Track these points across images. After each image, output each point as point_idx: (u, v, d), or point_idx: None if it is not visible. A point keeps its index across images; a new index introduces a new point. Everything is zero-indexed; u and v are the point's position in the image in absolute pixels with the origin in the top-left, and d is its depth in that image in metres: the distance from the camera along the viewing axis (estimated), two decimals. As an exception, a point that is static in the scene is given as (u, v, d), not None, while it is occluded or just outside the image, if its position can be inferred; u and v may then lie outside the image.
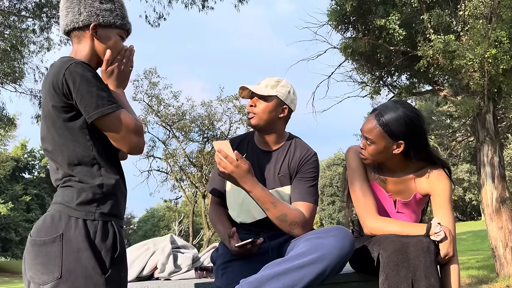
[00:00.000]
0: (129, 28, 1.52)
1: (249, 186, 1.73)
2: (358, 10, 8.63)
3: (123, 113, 1.34)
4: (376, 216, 1.81)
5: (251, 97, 2.01)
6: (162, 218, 50.72)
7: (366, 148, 1.85)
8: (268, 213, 1.77)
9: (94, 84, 1.30)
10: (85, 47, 1.43)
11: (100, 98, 1.29)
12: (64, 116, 1.33)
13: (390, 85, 10.40)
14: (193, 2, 11.03)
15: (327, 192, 48.58)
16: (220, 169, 1.72)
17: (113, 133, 1.33)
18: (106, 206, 1.33)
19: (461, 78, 7.97)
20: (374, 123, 1.81)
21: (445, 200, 1.83)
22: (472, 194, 36.18)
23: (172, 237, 2.47)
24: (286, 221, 1.77)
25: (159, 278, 2.27)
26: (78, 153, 1.34)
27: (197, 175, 19.26)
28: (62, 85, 1.30)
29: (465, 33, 8.06)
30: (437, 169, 1.88)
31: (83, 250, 1.26)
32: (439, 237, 1.66)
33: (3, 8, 10.40)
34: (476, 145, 8.98)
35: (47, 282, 1.24)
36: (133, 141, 1.34)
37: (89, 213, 1.30)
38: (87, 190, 1.32)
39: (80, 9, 1.41)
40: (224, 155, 1.71)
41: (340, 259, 1.57)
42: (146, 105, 18.57)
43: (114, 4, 1.46)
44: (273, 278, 1.55)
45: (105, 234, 1.31)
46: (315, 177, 1.96)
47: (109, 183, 1.36)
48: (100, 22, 1.42)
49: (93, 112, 1.29)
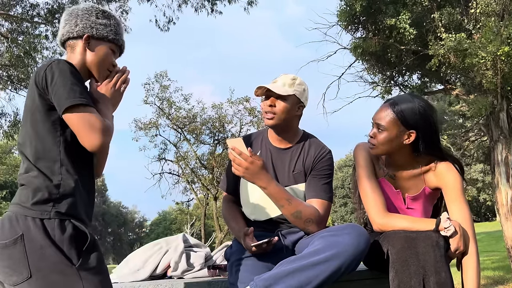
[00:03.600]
0: (122, 44, 1.59)
1: (264, 183, 1.74)
2: (368, 9, 8.59)
3: (91, 110, 1.35)
4: (384, 212, 1.79)
5: (267, 96, 1.97)
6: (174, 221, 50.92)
7: (376, 136, 1.84)
8: (283, 210, 1.77)
9: (69, 79, 1.34)
10: (77, 56, 1.51)
11: (72, 91, 1.32)
12: (40, 110, 1.37)
13: (401, 84, 10.33)
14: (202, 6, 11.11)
15: (339, 193, 48.32)
16: (234, 166, 1.73)
17: (77, 127, 1.33)
18: (63, 206, 1.33)
19: (474, 77, 7.89)
20: (388, 111, 1.80)
21: (457, 193, 1.80)
22: (486, 194, 35.72)
23: (184, 236, 2.48)
24: (301, 218, 1.77)
25: (172, 277, 2.28)
26: (45, 146, 1.37)
27: (208, 177, 19.32)
28: (41, 80, 1.35)
29: (477, 31, 7.97)
30: (445, 163, 1.86)
31: (46, 247, 1.27)
32: (449, 232, 1.64)
33: (16, 14, 10.57)
34: (490, 144, 8.87)
35: (18, 283, 1.26)
36: (96, 139, 1.32)
37: (44, 212, 1.31)
38: (43, 189, 1.33)
39: (77, 21, 1.50)
40: (238, 152, 1.71)
41: (355, 257, 1.56)
42: (158, 108, 18.72)
43: (109, 21, 1.55)
44: (288, 275, 1.55)
45: (63, 230, 1.31)
46: (329, 175, 1.96)
47: (67, 183, 1.36)
48: (94, 34, 1.51)
49: (63, 104, 1.31)
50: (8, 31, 10.80)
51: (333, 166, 2.00)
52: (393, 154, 1.87)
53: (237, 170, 1.73)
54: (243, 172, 1.72)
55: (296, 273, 1.54)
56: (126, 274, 2.24)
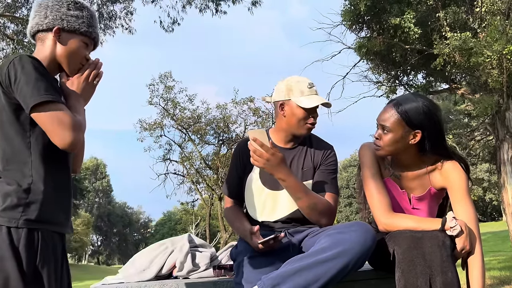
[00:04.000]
0: (95, 37, 1.52)
1: (284, 175, 1.77)
2: (372, 9, 8.58)
3: (59, 106, 1.29)
4: (390, 212, 1.78)
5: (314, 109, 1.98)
6: (179, 221, 51.03)
7: (381, 138, 1.83)
8: (300, 202, 1.81)
9: (33, 75, 1.28)
10: (47, 49, 1.44)
11: (36, 88, 1.26)
12: (6, 110, 1.32)
13: (406, 84, 10.30)
14: (206, 7, 11.13)
15: (344, 193, 48.23)
16: (254, 157, 1.75)
17: (47, 125, 1.27)
18: (33, 212, 1.28)
19: (479, 76, 7.86)
20: (393, 111, 1.79)
21: (462, 193, 1.79)
22: (492, 194, 35.51)
23: (190, 236, 2.49)
24: (316, 210, 1.82)
25: (178, 277, 2.29)
26: (14, 149, 1.32)
27: (213, 177, 19.33)
28: (5, 78, 1.29)
29: (482, 30, 7.93)
30: (451, 162, 1.85)
31: (7, 259, 1.22)
32: (455, 232, 1.63)
33: (21, 16, 10.64)
34: (496, 143, 8.82)
35: None
36: (67, 136, 1.26)
37: (12, 220, 1.25)
38: (12, 194, 1.27)
39: (47, 13, 1.43)
40: (260, 144, 1.73)
41: (362, 254, 1.57)
42: (162, 109, 18.76)
43: (82, 12, 1.48)
44: (295, 273, 1.55)
45: (30, 242, 1.26)
46: (335, 170, 2.04)
47: (38, 187, 1.30)
48: (64, 26, 1.43)
49: (28, 102, 1.26)
50: (13, 33, 10.87)
51: (337, 161, 2.08)
52: (399, 154, 1.87)
53: (257, 161, 1.75)
54: (264, 163, 1.74)
55: (303, 271, 1.55)
56: (132, 274, 2.24)
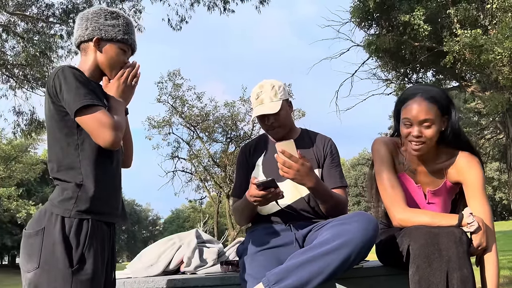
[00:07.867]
0: (132, 43, 1.65)
1: (313, 183, 1.81)
2: (381, 6, 8.53)
3: (99, 109, 1.42)
4: (404, 207, 1.75)
5: (263, 117, 2.05)
6: (187, 219, 51.28)
7: (423, 134, 1.75)
8: (325, 204, 1.91)
9: (74, 84, 1.42)
10: (89, 58, 1.59)
11: (78, 95, 1.40)
12: (55, 117, 1.47)
13: (415, 81, 10.24)
14: (214, 5, 11.14)
15: (352, 192, 48.01)
16: (283, 169, 1.75)
17: (89, 127, 1.41)
18: (84, 204, 1.43)
19: (489, 73, 7.77)
20: (426, 103, 1.74)
21: (478, 189, 1.76)
22: (503, 193, 35.17)
23: (197, 232, 2.49)
24: (338, 208, 1.93)
25: (185, 272, 2.29)
26: (64, 150, 1.47)
27: (221, 175, 19.40)
28: (52, 89, 1.45)
29: (493, 27, 7.85)
30: (468, 157, 1.82)
31: (58, 243, 1.38)
32: (472, 228, 1.59)
33: (31, 14, 10.73)
34: (506, 141, 8.74)
35: (30, 270, 1.39)
36: (107, 135, 1.40)
37: (66, 211, 1.41)
38: (68, 188, 1.44)
39: (87, 25, 1.58)
40: (288, 155, 1.74)
41: (365, 244, 1.58)
42: (171, 107, 18.83)
43: (118, 21, 1.61)
44: (299, 267, 1.55)
45: (79, 231, 1.42)
46: (339, 161, 2.11)
47: (88, 182, 1.45)
48: (102, 36, 1.57)
49: (72, 108, 1.40)
50: (24, 31, 10.97)
51: (338, 149, 2.14)
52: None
53: (287, 173, 1.76)
54: (294, 174, 1.76)
55: (307, 264, 1.55)
56: (139, 269, 2.25)
